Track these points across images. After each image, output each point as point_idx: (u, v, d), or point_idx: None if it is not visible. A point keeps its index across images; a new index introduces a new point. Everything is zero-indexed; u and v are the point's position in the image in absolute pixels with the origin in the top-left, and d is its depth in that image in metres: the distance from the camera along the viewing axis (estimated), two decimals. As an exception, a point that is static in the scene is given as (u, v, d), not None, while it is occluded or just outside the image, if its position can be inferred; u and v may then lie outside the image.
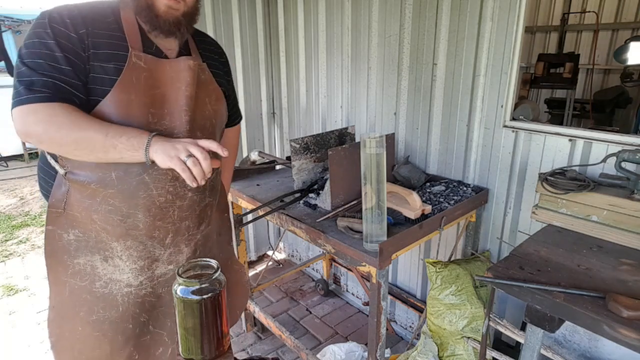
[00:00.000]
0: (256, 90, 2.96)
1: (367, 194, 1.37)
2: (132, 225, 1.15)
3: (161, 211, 1.17)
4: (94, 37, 1.08)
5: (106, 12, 1.12)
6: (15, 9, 8.12)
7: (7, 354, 2.42)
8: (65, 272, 1.20)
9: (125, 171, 1.10)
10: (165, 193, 1.15)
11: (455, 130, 1.97)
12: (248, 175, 2.26)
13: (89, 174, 1.10)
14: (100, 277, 1.21)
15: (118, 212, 1.13)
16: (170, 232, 1.22)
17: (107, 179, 1.10)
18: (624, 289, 1.09)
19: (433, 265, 1.77)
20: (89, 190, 1.12)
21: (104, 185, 1.11)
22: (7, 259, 3.59)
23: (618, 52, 3.48)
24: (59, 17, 1.05)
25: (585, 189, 1.41)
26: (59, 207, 1.16)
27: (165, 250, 1.23)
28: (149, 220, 1.16)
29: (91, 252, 1.19)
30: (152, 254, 1.22)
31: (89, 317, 1.22)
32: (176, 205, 1.19)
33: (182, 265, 0.86)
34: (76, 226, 1.17)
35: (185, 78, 1.16)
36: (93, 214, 1.14)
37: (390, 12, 2.10)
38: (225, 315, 0.86)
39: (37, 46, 1.04)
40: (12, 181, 5.81)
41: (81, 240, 1.18)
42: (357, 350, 2.14)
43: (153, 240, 1.20)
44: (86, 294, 1.21)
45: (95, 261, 1.19)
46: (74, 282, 1.21)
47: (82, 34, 1.06)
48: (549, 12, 4.61)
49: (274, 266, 3.33)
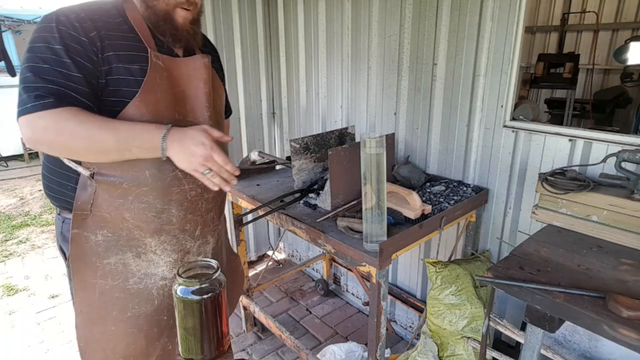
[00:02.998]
0: (256, 90, 2.96)
1: (367, 194, 1.37)
2: (166, 220, 1.19)
3: (192, 204, 1.23)
4: (107, 39, 1.08)
5: (113, 13, 1.12)
6: (15, 9, 8.13)
7: (7, 354, 2.42)
8: (94, 274, 1.20)
9: (158, 169, 1.13)
10: (195, 187, 1.21)
11: (455, 130, 1.97)
12: (248, 175, 2.26)
13: (119, 174, 1.11)
14: (134, 274, 1.22)
15: (152, 208, 1.16)
16: (199, 224, 1.28)
17: (140, 178, 1.12)
18: (624, 289, 1.09)
19: (433, 265, 1.77)
20: (120, 190, 1.13)
21: (137, 184, 1.13)
22: (7, 259, 3.59)
23: (618, 52, 3.48)
24: (67, 20, 1.04)
25: (585, 189, 1.41)
26: (85, 210, 1.15)
27: (195, 242, 1.29)
28: (182, 214, 1.21)
29: (122, 250, 1.19)
30: (184, 247, 1.27)
31: (123, 315, 1.24)
32: (204, 197, 1.25)
33: (182, 265, 0.86)
34: (104, 227, 1.16)
35: (202, 76, 1.20)
36: (125, 213, 1.15)
37: (390, 12, 2.10)
38: (225, 315, 0.86)
39: (43, 51, 1.02)
40: (12, 181, 5.81)
41: (110, 240, 1.18)
42: (357, 350, 2.14)
43: (184, 233, 1.25)
44: (119, 293, 1.22)
45: (127, 259, 1.21)
46: (104, 283, 1.21)
47: (92, 37, 1.06)
48: (549, 12, 4.60)
49: (274, 266, 3.33)
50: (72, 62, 1.03)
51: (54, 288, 3.11)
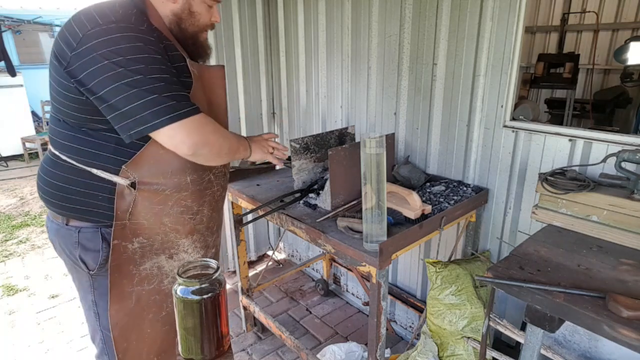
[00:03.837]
0: (256, 90, 2.96)
1: (367, 194, 1.37)
2: (199, 220, 1.28)
3: (217, 203, 1.36)
4: (167, 49, 1.12)
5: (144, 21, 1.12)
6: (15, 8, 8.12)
7: (7, 354, 2.42)
8: (130, 282, 1.22)
9: (198, 174, 1.22)
10: (221, 188, 1.35)
11: (455, 130, 1.97)
12: (248, 175, 2.26)
13: (163, 181, 1.16)
14: (167, 274, 1.27)
15: (189, 211, 1.24)
16: (217, 221, 1.41)
17: (182, 184, 1.19)
18: (624, 289, 1.08)
19: (433, 265, 1.77)
20: (161, 196, 1.17)
21: (178, 190, 1.19)
22: (7, 259, 3.59)
23: (618, 52, 3.47)
24: (143, 35, 1.05)
25: (585, 189, 1.41)
26: (124, 219, 1.16)
27: (212, 237, 1.40)
28: (210, 213, 1.32)
29: (156, 254, 1.23)
30: (207, 242, 1.37)
31: (159, 315, 1.30)
32: (223, 195, 1.39)
33: (182, 265, 0.86)
34: (140, 234, 1.19)
35: (223, 85, 1.32)
36: (164, 218, 1.20)
37: (390, 12, 2.10)
38: (225, 315, 0.86)
39: (153, 62, 1.04)
40: (12, 181, 5.81)
41: (146, 246, 1.21)
42: (357, 350, 2.14)
43: (209, 230, 1.36)
44: (155, 295, 1.27)
45: (161, 261, 1.25)
46: (141, 289, 1.24)
47: (163, 47, 1.11)
48: (549, 12, 4.60)
49: (274, 266, 3.33)
50: (175, 70, 1.11)
51: (54, 288, 3.11)
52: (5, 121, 6.45)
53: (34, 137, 6.60)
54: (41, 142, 6.40)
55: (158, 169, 1.15)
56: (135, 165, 1.12)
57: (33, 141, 6.51)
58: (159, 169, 1.15)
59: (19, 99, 6.51)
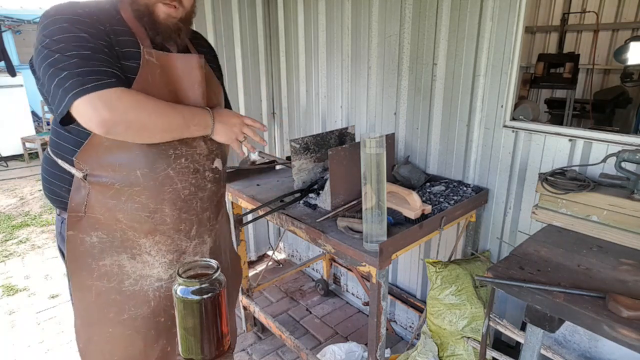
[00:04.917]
0: (256, 90, 2.96)
1: (367, 194, 1.37)
2: (159, 220, 1.18)
3: (186, 204, 1.21)
4: (115, 34, 1.08)
5: (111, 11, 1.12)
6: (15, 8, 8.12)
7: (7, 354, 2.42)
8: (90, 275, 1.19)
9: (150, 168, 1.12)
10: (188, 185, 1.20)
11: (455, 130, 1.97)
12: (248, 175, 2.26)
13: (112, 174, 1.11)
14: (129, 275, 1.21)
15: (145, 208, 1.15)
16: (195, 224, 1.26)
17: (132, 178, 1.12)
18: (624, 289, 1.08)
19: (433, 265, 1.77)
20: (112, 191, 1.12)
21: (129, 184, 1.12)
22: (7, 259, 3.59)
23: (618, 52, 3.47)
24: (77, 16, 1.03)
25: (585, 189, 1.41)
26: (79, 211, 1.15)
27: (191, 242, 1.27)
28: (176, 213, 1.20)
29: (117, 252, 1.19)
30: (180, 247, 1.25)
31: (120, 317, 1.23)
32: (198, 196, 1.24)
33: (182, 265, 0.86)
34: (99, 228, 1.16)
35: (197, 76, 1.18)
36: (118, 214, 1.14)
37: (390, 12, 2.10)
38: (225, 315, 0.86)
39: (75, 40, 1.00)
40: (12, 181, 5.81)
41: (105, 242, 1.18)
42: (357, 350, 2.14)
43: (180, 233, 1.23)
44: (115, 295, 1.21)
45: (123, 260, 1.20)
46: (100, 285, 1.20)
47: (105, 30, 1.06)
48: (549, 12, 4.60)
49: (274, 266, 3.33)
50: (108, 49, 1.04)
51: (54, 288, 3.11)
52: (5, 121, 6.45)
53: (34, 137, 6.60)
54: (41, 142, 6.40)
55: (106, 161, 1.10)
56: (83, 156, 1.09)
57: (33, 141, 6.51)
58: (106, 160, 1.10)
59: (19, 99, 6.51)
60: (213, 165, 1.26)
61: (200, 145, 1.21)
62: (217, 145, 1.27)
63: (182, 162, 1.16)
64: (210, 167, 1.26)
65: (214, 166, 1.26)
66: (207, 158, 1.24)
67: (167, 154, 1.14)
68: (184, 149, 1.17)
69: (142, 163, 1.11)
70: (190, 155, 1.19)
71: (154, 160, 1.12)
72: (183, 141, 1.16)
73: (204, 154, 1.22)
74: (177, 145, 1.15)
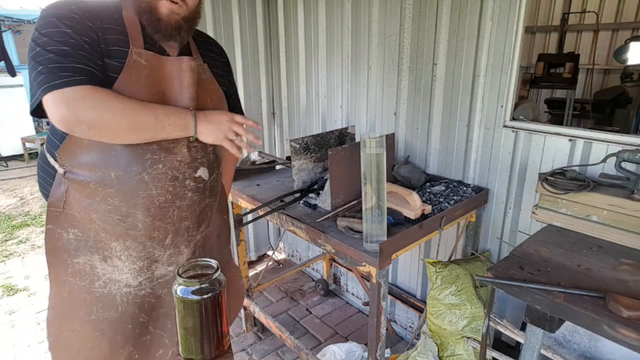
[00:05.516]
0: (256, 90, 2.97)
1: (367, 194, 1.37)
2: (131, 225, 1.15)
3: (161, 211, 1.17)
4: (103, 32, 1.07)
5: (110, 9, 1.12)
6: (15, 9, 8.12)
7: (7, 354, 2.42)
8: (65, 271, 1.20)
9: (124, 171, 1.10)
10: (165, 193, 1.15)
11: (455, 130, 1.97)
12: (248, 175, 2.26)
13: (88, 173, 1.10)
14: (99, 277, 1.21)
15: (117, 211, 1.13)
16: (170, 233, 1.21)
17: (106, 179, 1.10)
18: (624, 289, 1.09)
19: (433, 265, 1.77)
20: (88, 190, 1.12)
21: (103, 185, 1.10)
22: (7, 259, 3.59)
23: (618, 52, 3.47)
24: (77, 7, 1.05)
25: (585, 189, 1.41)
26: (58, 206, 1.15)
27: (165, 251, 1.23)
28: (149, 220, 1.16)
29: (90, 251, 1.18)
30: (152, 255, 1.21)
31: (88, 317, 1.22)
32: (176, 205, 1.19)
33: (182, 265, 0.86)
34: (76, 225, 1.16)
35: (186, 79, 1.15)
36: (92, 214, 1.14)
37: (390, 12, 2.10)
38: (225, 315, 0.86)
39: (59, 35, 1.00)
40: (12, 181, 5.81)
41: (80, 240, 1.17)
42: (357, 350, 2.14)
43: (152, 241, 1.19)
44: (85, 294, 1.21)
45: (95, 261, 1.19)
46: (73, 282, 1.20)
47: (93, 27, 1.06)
48: (549, 12, 4.60)
49: (274, 266, 3.33)
50: (89, 47, 1.03)
51: (54, 288, 3.11)
52: (5, 121, 6.45)
53: (34, 137, 6.60)
54: (41, 142, 6.39)
55: (83, 159, 1.10)
56: (64, 152, 1.10)
57: (33, 141, 6.51)
58: (84, 158, 1.10)
59: (19, 99, 6.50)
60: (196, 174, 1.21)
61: (181, 152, 1.16)
62: (204, 154, 1.22)
63: (159, 167, 1.12)
64: (193, 176, 1.20)
65: (197, 175, 1.21)
66: (189, 166, 1.18)
67: (143, 158, 1.11)
68: (163, 154, 1.13)
69: (117, 165, 1.09)
70: (169, 162, 1.14)
71: (128, 163, 1.09)
72: (163, 147, 1.12)
73: (185, 161, 1.17)
74: (155, 150, 1.11)
